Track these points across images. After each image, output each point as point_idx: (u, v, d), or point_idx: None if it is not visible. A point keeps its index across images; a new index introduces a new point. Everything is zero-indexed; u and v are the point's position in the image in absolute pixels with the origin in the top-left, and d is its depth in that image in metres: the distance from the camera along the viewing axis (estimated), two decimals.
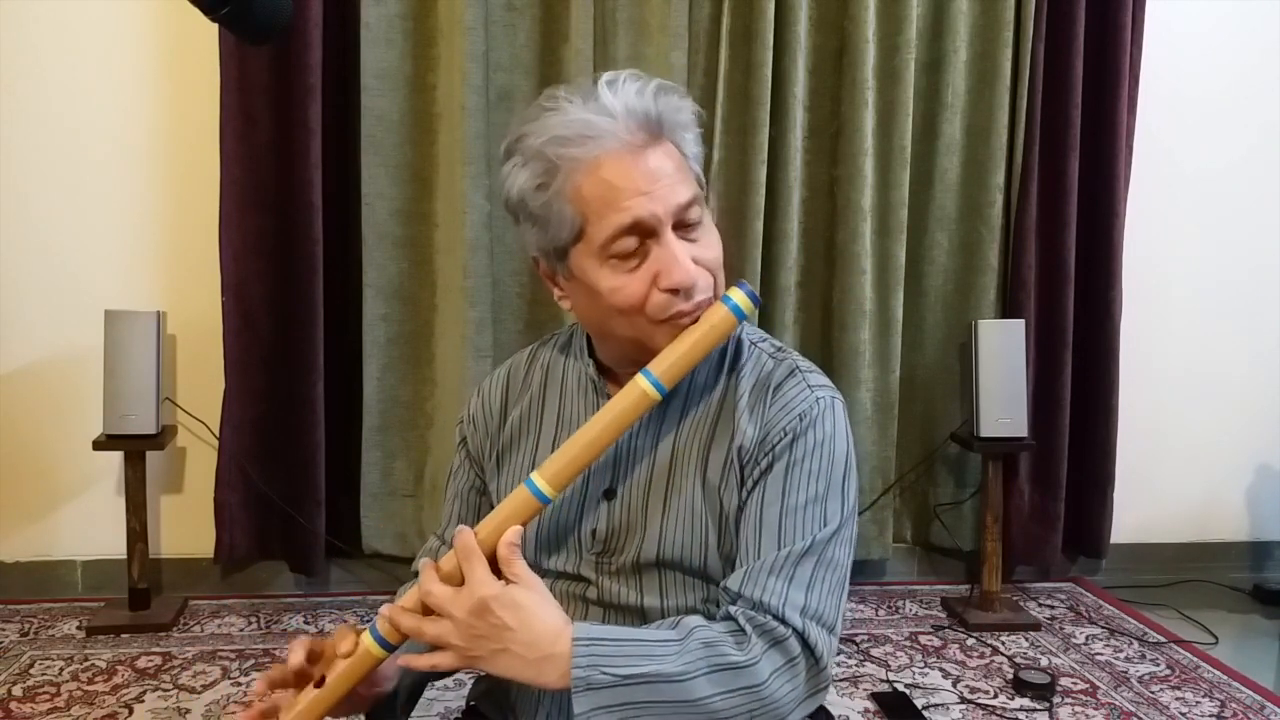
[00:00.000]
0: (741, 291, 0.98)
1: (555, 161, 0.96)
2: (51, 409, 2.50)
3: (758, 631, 0.94)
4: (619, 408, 0.98)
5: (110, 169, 2.48)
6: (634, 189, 0.95)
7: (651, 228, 0.96)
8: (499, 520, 0.96)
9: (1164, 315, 2.81)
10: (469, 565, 0.94)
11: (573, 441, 0.98)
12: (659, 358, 0.98)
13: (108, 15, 2.44)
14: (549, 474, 0.97)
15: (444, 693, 1.98)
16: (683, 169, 1.00)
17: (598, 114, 0.96)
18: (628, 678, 0.90)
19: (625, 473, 1.06)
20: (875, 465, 2.64)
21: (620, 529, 1.05)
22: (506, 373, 1.19)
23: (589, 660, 0.90)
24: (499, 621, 0.91)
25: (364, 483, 2.53)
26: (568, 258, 1.00)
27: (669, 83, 1.01)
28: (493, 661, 0.92)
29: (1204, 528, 2.89)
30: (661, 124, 0.98)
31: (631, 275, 0.98)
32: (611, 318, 1.00)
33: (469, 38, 2.37)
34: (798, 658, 0.94)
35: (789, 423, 1.01)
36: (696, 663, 0.92)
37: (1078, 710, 2.04)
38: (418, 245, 2.52)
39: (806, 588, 0.96)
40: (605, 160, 0.95)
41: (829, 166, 2.60)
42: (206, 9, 0.86)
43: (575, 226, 0.97)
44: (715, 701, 0.91)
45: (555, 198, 0.97)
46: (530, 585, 0.94)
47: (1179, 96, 2.75)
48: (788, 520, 0.99)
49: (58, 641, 2.29)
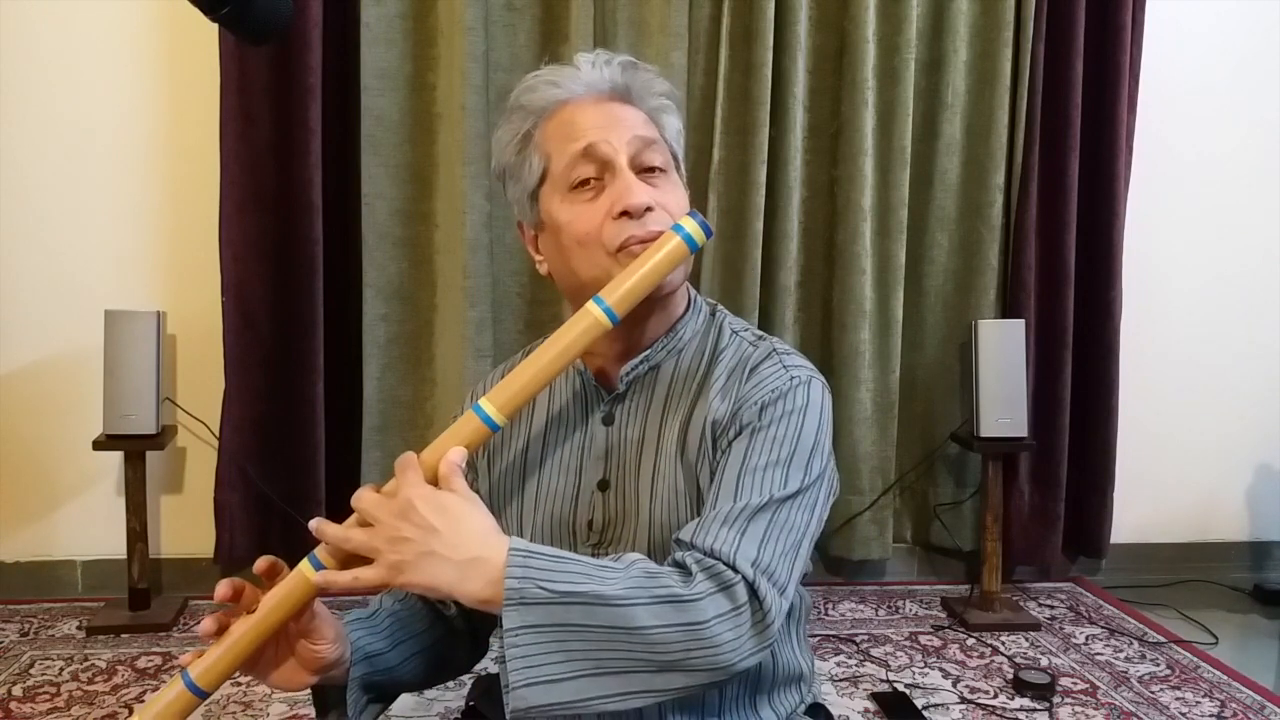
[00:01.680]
0: (694, 220, 0.97)
1: (526, 110, 1.06)
2: (51, 409, 2.50)
3: (705, 573, 0.90)
4: (570, 335, 0.96)
5: (110, 169, 2.48)
6: (591, 123, 1.02)
7: (605, 156, 1.01)
8: (444, 443, 0.94)
9: (1164, 315, 2.81)
10: (402, 474, 0.91)
11: (522, 368, 0.96)
12: (610, 284, 0.97)
13: (108, 15, 2.44)
14: (499, 401, 0.95)
15: (444, 693, 1.98)
16: (649, 127, 1.06)
17: (567, 73, 1.06)
18: (564, 594, 0.86)
19: (617, 463, 1.07)
20: (875, 465, 2.64)
21: (615, 518, 1.06)
22: (503, 371, 1.20)
23: (524, 572, 0.87)
24: (423, 521, 0.88)
25: (364, 483, 2.50)
26: (538, 202, 1.06)
27: (645, 64, 1.09)
28: (417, 568, 0.87)
29: (1204, 528, 2.89)
30: (630, 90, 1.06)
31: (588, 205, 1.02)
32: (573, 255, 1.03)
33: (469, 38, 2.37)
34: (743, 606, 0.90)
35: (760, 395, 1.01)
36: (637, 590, 0.88)
37: (1078, 710, 2.04)
38: (418, 245, 2.51)
39: (760, 542, 0.93)
40: (569, 103, 1.04)
41: (829, 166, 2.60)
42: (206, 9, 0.86)
43: (541, 166, 1.05)
44: (654, 633, 0.86)
45: (525, 144, 1.06)
46: (466, 497, 0.91)
47: (1179, 96, 2.75)
48: (746, 478, 0.97)
49: (58, 641, 2.29)
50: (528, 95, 1.06)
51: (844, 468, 2.60)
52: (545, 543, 1.07)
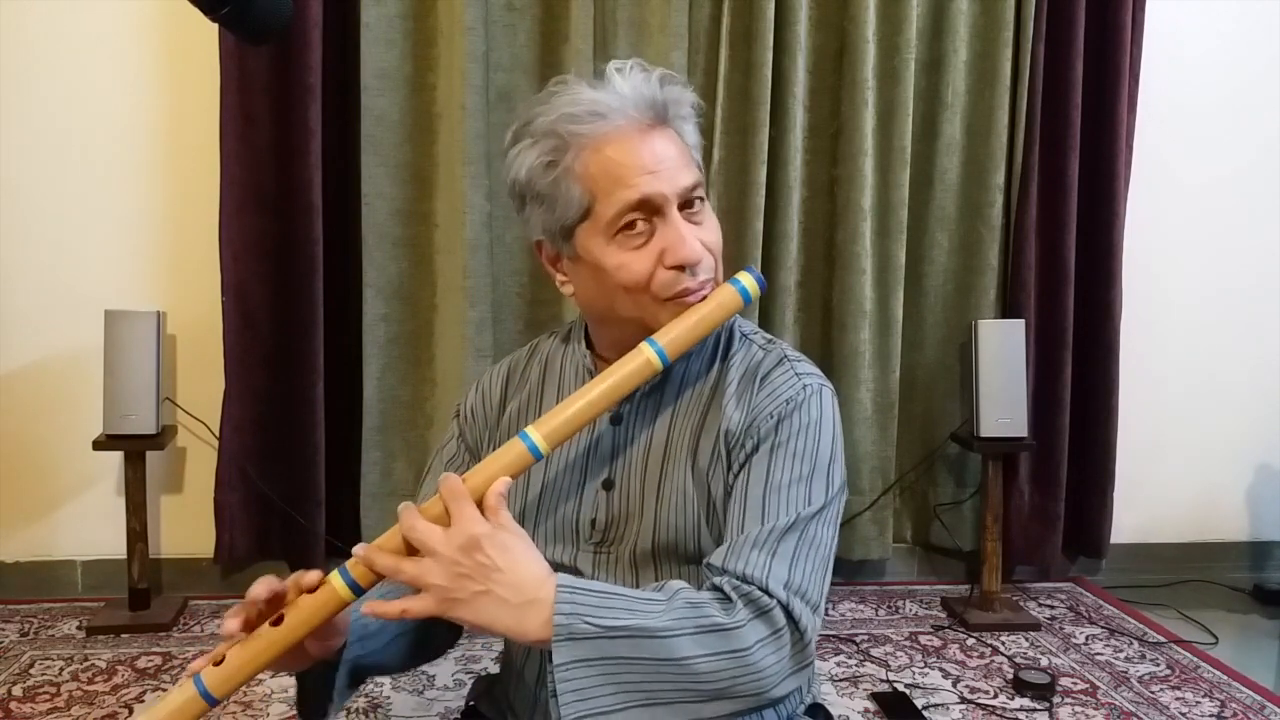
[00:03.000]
0: (750, 275, 1.01)
1: (565, 138, 0.99)
2: (51, 409, 2.50)
3: (743, 600, 0.92)
4: (621, 372, 0.98)
5: (110, 169, 2.48)
6: (642, 167, 0.98)
7: (658, 205, 0.99)
8: (489, 471, 0.94)
9: (1164, 315, 2.81)
10: (457, 506, 0.90)
11: (571, 400, 0.97)
12: (665, 328, 0.99)
13: (108, 15, 2.43)
14: (545, 429, 0.95)
15: (444, 693, 1.98)
16: (685, 154, 1.03)
17: (606, 94, 1.00)
18: (611, 629, 0.88)
19: (623, 463, 1.07)
20: (875, 465, 2.64)
21: (619, 518, 1.06)
22: (507, 367, 1.20)
23: (571, 608, 0.88)
24: (488, 560, 0.88)
25: (364, 483, 2.53)
26: (573, 237, 1.02)
27: (672, 73, 1.05)
28: (473, 605, 0.88)
29: (1204, 528, 2.89)
30: (666, 110, 1.02)
31: (638, 252, 1.00)
32: (616, 297, 1.02)
33: (469, 38, 2.37)
34: (783, 629, 0.92)
35: (775, 407, 1.02)
36: (682, 621, 0.90)
37: (1078, 710, 2.04)
38: (418, 245, 2.51)
39: (790, 562, 0.95)
40: (613, 138, 0.99)
41: (829, 166, 2.60)
42: (206, 9, 0.86)
43: (583, 204, 1.00)
44: (699, 663, 0.89)
45: (564, 175, 1.00)
46: (518, 534, 0.92)
47: (1179, 96, 2.75)
48: (771, 497, 0.98)
49: (58, 641, 2.29)
50: (566, 123, 0.99)
51: (845, 468, 2.59)
52: (548, 540, 1.08)
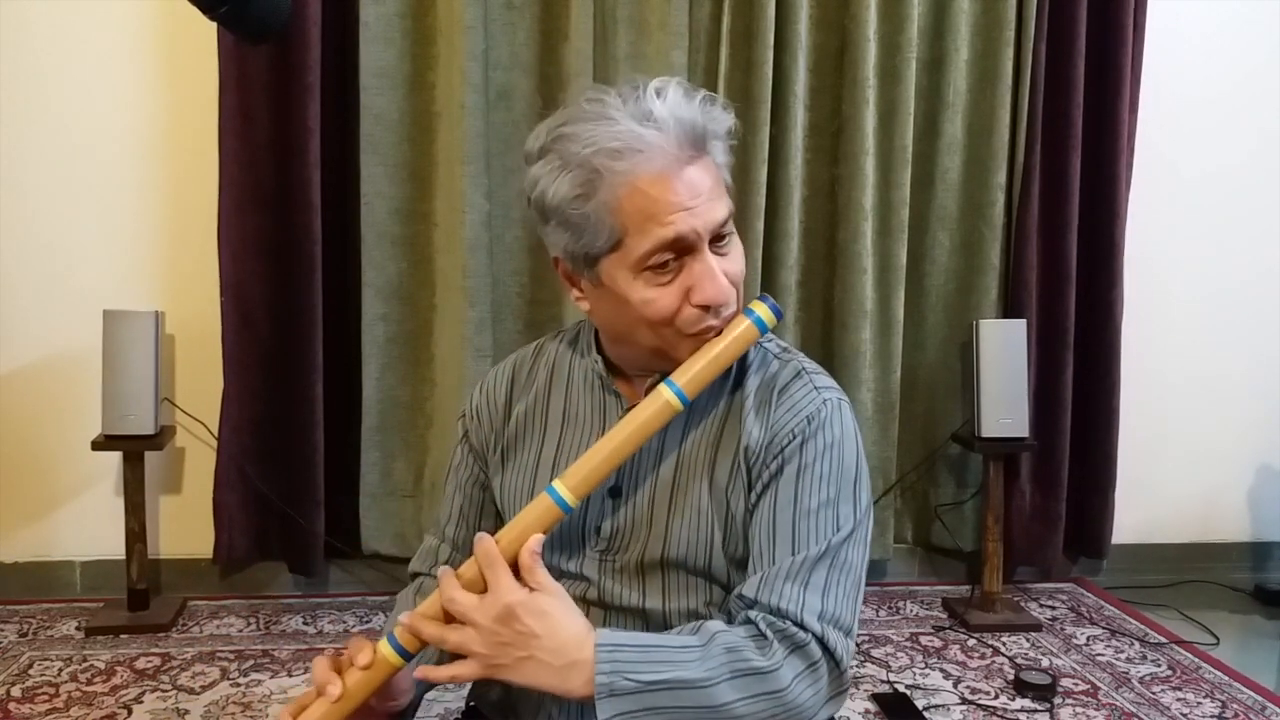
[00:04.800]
0: (765, 305, 1.00)
1: (601, 172, 0.95)
2: (50, 409, 2.50)
3: (779, 637, 0.94)
4: (642, 417, 0.98)
5: (109, 168, 2.47)
6: (678, 204, 0.95)
7: (691, 244, 0.97)
8: (520, 528, 0.96)
9: (1165, 315, 2.80)
10: (493, 572, 0.93)
11: (595, 450, 0.98)
12: (683, 368, 0.99)
13: (107, 15, 2.43)
14: (572, 482, 0.97)
15: (444, 693, 1.97)
16: (719, 183, 1.00)
17: (644, 124, 0.94)
18: (651, 684, 0.90)
19: (632, 471, 1.06)
20: (876, 465, 2.63)
21: (626, 527, 1.05)
22: (511, 367, 1.19)
23: (612, 666, 0.90)
24: (525, 629, 0.90)
25: (363, 483, 2.52)
26: (598, 265, 0.99)
27: (712, 94, 1.01)
28: (517, 670, 0.91)
29: (1205, 528, 2.89)
30: (705, 138, 0.98)
31: (664, 289, 0.98)
32: (638, 328, 1.01)
33: (468, 36, 2.36)
34: (819, 662, 0.94)
35: (796, 425, 1.02)
36: (719, 669, 0.91)
37: (1079, 711, 2.04)
38: (417, 245, 2.51)
39: (823, 592, 0.96)
40: (651, 174, 0.94)
41: (830, 165, 2.59)
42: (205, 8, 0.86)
43: (613, 237, 0.97)
44: (738, 707, 0.91)
45: (597, 208, 0.96)
46: (554, 593, 0.94)
47: (1180, 95, 2.74)
48: (801, 525, 0.99)
49: (56, 642, 2.28)
50: (605, 160, 0.94)
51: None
52: (555, 546, 1.08)
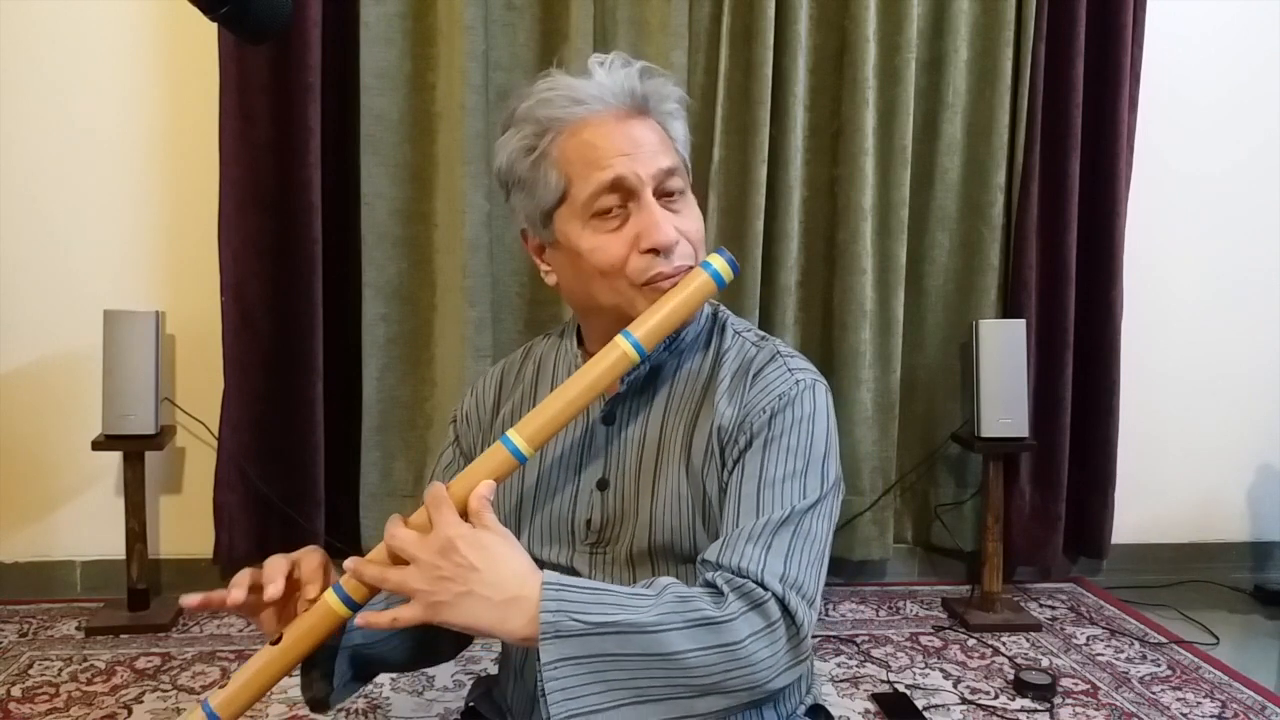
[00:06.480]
0: (721, 257, 1.00)
1: (543, 123, 1.01)
2: (51, 409, 2.50)
3: (736, 593, 0.91)
4: (599, 368, 0.97)
5: (109, 168, 2.47)
6: (616, 149, 1.00)
7: (632, 187, 1.00)
8: (472, 476, 0.94)
9: (1165, 315, 2.81)
10: (437, 512, 0.91)
11: (550, 400, 0.97)
12: (639, 320, 0.99)
13: (107, 15, 2.43)
14: (527, 432, 0.95)
15: (443, 694, 1.98)
16: (665, 143, 1.04)
17: (586, 82, 1.02)
18: (598, 625, 0.87)
19: (617, 462, 1.07)
20: (876, 465, 2.63)
21: (614, 518, 1.05)
22: (501, 370, 1.21)
23: (558, 605, 0.87)
24: (464, 561, 0.88)
25: (363, 483, 2.52)
26: (552, 222, 1.03)
27: (657, 68, 1.06)
28: (456, 607, 0.88)
29: (1205, 528, 2.89)
30: (647, 100, 1.04)
31: (612, 235, 1.01)
32: (593, 282, 1.02)
33: (468, 37, 2.36)
34: (777, 622, 0.91)
35: (768, 402, 1.02)
36: (671, 615, 0.89)
37: (1079, 711, 2.04)
38: (417, 245, 2.51)
39: (785, 556, 0.95)
40: (590, 122, 1.00)
41: (829, 166, 2.60)
42: (205, 8, 0.86)
43: (560, 187, 1.01)
44: (690, 657, 0.87)
45: (541, 159, 1.01)
46: (499, 533, 0.92)
47: (1180, 96, 2.74)
48: (765, 493, 0.98)
49: (56, 642, 2.28)
50: (544, 108, 1.01)
51: (845, 468, 2.56)
52: (543, 541, 1.08)
